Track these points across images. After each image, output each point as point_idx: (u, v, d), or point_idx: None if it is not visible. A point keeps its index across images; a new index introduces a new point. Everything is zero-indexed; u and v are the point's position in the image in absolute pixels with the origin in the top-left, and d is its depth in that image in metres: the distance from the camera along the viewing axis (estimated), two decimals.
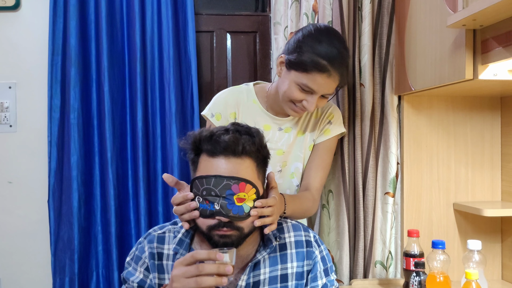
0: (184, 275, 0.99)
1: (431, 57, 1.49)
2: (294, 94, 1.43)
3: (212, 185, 1.10)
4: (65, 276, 2.31)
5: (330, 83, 1.42)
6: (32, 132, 2.33)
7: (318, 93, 1.42)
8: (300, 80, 1.41)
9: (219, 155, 1.12)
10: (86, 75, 2.31)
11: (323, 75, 1.39)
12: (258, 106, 1.59)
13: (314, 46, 1.40)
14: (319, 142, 1.61)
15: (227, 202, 1.09)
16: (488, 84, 1.44)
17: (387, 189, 1.73)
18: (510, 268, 1.72)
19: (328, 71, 1.39)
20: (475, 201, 1.76)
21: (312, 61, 1.38)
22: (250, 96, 1.61)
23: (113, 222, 2.31)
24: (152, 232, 1.25)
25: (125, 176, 2.36)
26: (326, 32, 1.44)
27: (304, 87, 1.41)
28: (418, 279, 1.40)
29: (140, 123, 2.31)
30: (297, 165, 1.61)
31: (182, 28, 2.34)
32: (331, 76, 1.40)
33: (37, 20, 2.32)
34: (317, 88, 1.41)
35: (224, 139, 1.11)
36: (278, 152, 1.59)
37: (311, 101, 1.43)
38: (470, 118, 1.77)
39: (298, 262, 1.25)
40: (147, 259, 1.19)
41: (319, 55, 1.38)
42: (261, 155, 1.18)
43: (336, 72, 1.40)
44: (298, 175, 1.61)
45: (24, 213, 2.34)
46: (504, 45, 1.20)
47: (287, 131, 1.59)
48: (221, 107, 1.59)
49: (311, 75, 1.39)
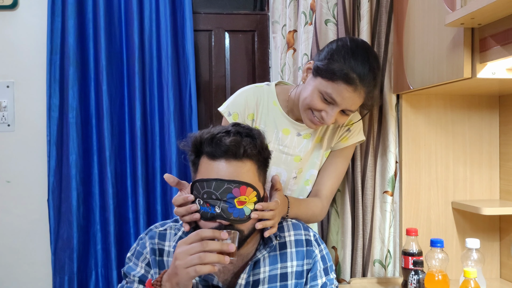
0: (187, 252, 1.00)
1: (430, 55, 1.49)
2: (314, 102, 1.37)
3: (213, 188, 1.09)
4: (65, 274, 2.31)
5: (354, 98, 1.35)
6: (30, 131, 2.33)
7: (340, 106, 1.36)
8: (324, 88, 1.35)
9: (220, 158, 1.11)
10: (85, 74, 2.32)
11: (349, 87, 1.33)
12: (278, 109, 1.54)
13: (347, 57, 1.34)
14: (336, 150, 1.58)
15: (228, 205, 1.10)
16: (487, 83, 1.44)
17: (386, 188, 1.73)
18: (508, 267, 1.73)
19: (355, 84, 1.32)
20: (473, 199, 1.76)
21: (341, 70, 1.32)
22: (271, 97, 1.55)
23: (112, 221, 2.31)
24: (154, 228, 1.25)
25: (124, 174, 2.36)
26: (362, 47, 1.38)
27: (327, 96, 1.35)
28: (417, 278, 1.40)
29: (138, 122, 2.31)
30: (312, 172, 1.58)
31: (180, 27, 2.34)
32: (357, 90, 1.33)
33: (35, 19, 2.31)
34: (340, 100, 1.34)
35: (225, 142, 1.11)
36: (295, 158, 1.55)
37: (331, 113, 1.37)
38: (469, 117, 1.77)
39: (298, 261, 1.25)
40: (148, 254, 1.20)
41: (350, 67, 1.32)
42: (262, 157, 1.18)
43: (363, 89, 1.34)
44: (313, 182, 1.59)
45: (23, 212, 2.34)
46: (503, 43, 1.20)
47: (306, 137, 1.55)
48: (241, 107, 1.53)
49: (337, 85, 1.33)
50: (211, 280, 1.16)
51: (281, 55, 2.06)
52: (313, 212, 1.49)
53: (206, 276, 1.16)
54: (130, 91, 2.33)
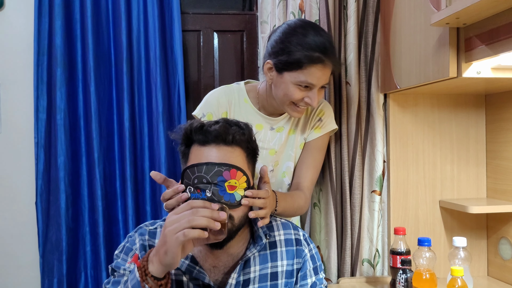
0: (177, 219, 0.99)
1: (416, 55, 1.50)
2: (295, 95, 1.42)
3: (204, 172, 1.11)
4: (54, 277, 2.30)
5: (326, 72, 1.42)
6: (17, 133, 2.31)
7: (317, 86, 1.42)
8: (297, 79, 1.40)
9: (210, 144, 1.14)
10: (72, 75, 2.30)
11: (318, 66, 1.39)
12: (250, 106, 1.58)
13: (301, 41, 1.39)
14: (310, 140, 1.61)
15: (218, 188, 1.10)
16: (472, 82, 1.45)
17: (374, 187, 1.74)
18: (495, 264, 1.74)
19: (322, 61, 1.39)
20: (460, 198, 1.77)
21: (305, 56, 1.38)
22: (241, 95, 1.59)
23: (101, 223, 2.30)
24: (144, 226, 1.25)
25: (113, 176, 2.35)
26: (308, 25, 1.44)
27: (303, 84, 1.40)
28: (405, 277, 1.41)
29: (127, 123, 2.30)
30: (288, 164, 1.61)
31: (169, 27, 2.33)
32: (326, 65, 1.40)
33: (22, 20, 2.29)
34: (316, 81, 1.40)
35: (215, 128, 1.14)
36: (270, 152, 1.59)
37: (312, 96, 1.43)
38: (455, 116, 1.78)
39: (288, 260, 1.25)
40: (138, 250, 1.19)
41: (310, 49, 1.38)
42: (251, 146, 1.20)
43: (329, 60, 1.41)
44: (290, 174, 1.61)
45: (11, 215, 2.32)
46: (487, 43, 1.21)
47: (279, 131, 1.59)
48: (213, 107, 1.57)
49: (307, 70, 1.39)
50: (202, 278, 1.16)
51: None
52: (298, 204, 1.51)
53: (197, 275, 1.15)
54: (119, 92, 2.32)
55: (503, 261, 1.69)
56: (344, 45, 1.74)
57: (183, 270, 1.16)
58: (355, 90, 1.72)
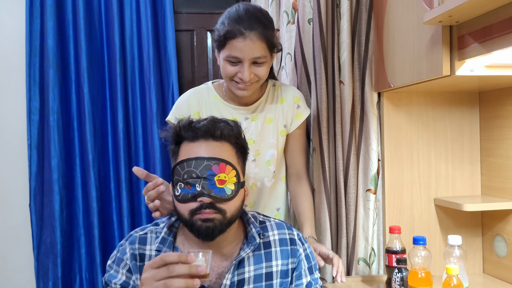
0: (153, 277, 0.94)
1: (409, 53, 1.49)
2: (227, 70, 1.45)
3: (193, 167, 1.11)
4: (49, 280, 2.29)
5: (250, 45, 1.40)
6: (10, 135, 2.30)
7: (245, 60, 1.41)
8: (224, 55, 1.43)
9: (199, 139, 1.15)
10: (65, 76, 2.29)
11: (238, 39, 1.39)
12: (220, 101, 1.60)
13: (224, 18, 1.43)
14: (295, 128, 1.65)
15: (208, 182, 1.11)
16: (466, 80, 1.44)
17: (369, 186, 1.74)
18: (491, 262, 1.74)
19: (240, 33, 1.38)
20: (455, 196, 1.77)
21: (224, 31, 1.40)
22: (210, 94, 1.61)
23: (96, 225, 2.29)
24: (134, 233, 1.24)
25: (107, 177, 2.34)
26: (239, 5, 1.45)
27: (230, 59, 1.42)
28: (400, 276, 1.41)
29: (121, 124, 2.29)
30: (272, 152, 1.63)
31: (162, 27, 2.33)
32: (247, 37, 1.39)
33: (13, 21, 2.28)
34: (240, 54, 1.40)
35: (203, 123, 1.16)
36: (249, 141, 1.58)
37: (243, 70, 1.43)
38: (449, 114, 1.78)
39: (283, 260, 1.25)
40: (129, 260, 1.18)
41: (228, 24, 1.40)
42: (240, 142, 1.21)
43: (251, 32, 1.39)
44: (274, 161, 1.64)
45: (4, 218, 2.31)
46: (480, 41, 1.21)
47: (253, 119, 1.60)
48: (184, 109, 1.58)
49: (229, 45, 1.40)
50: None
51: None
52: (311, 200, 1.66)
53: None
54: (112, 93, 2.31)
55: (498, 258, 1.69)
56: (337, 43, 1.73)
57: None
58: (349, 89, 1.71)
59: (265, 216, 1.33)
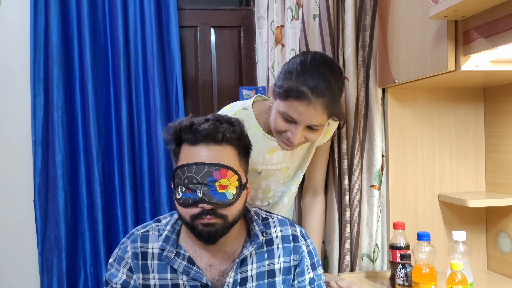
0: None
1: (414, 49, 1.49)
2: (278, 124, 1.34)
3: (194, 172, 1.09)
4: (53, 275, 2.30)
5: (311, 112, 1.28)
6: (15, 131, 2.31)
7: (301, 123, 1.31)
8: (281, 109, 1.31)
9: (200, 143, 1.12)
10: (69, 73, 2.30)
11: (302, 103, 1.27)
12: (260, 132, 1.50)
13: (298, 73, 1.29)
14: (322, 144, 1.61)
15: (209, 189, 1.09)
16: (471, 75, 1.44)
17: (373, 182, 1.73)
18: (495, 258, 1.74)
19: (307, 98, 1.26)
20: (460, 192, 1.77)
21: (292, 87, 1.27)
22: (250, 122, 1.48)
23: (100, 220, 2.30)
24: (135, 231, 1.23)
25: (111, 173, 2.35)
26: (313, 60, 1.32)
27: (286, 115, 1.31)
28: (404, 271, 1.40)
29: (125, 120, 2.29)
30: (299, 175, 1.63)
31: (165, 23, 2.33)
32: (311, 104, 1.27)
33: (18, 18, 2.29)
34: (298, 117, 1.30)
35: (204, 127, 1.11)
36: (283, 170, 1.57)
37: (294, 132, 1.32)
38: (454, 110, 1.77)
39: (285, 257, 1.24)
40: (130, 259, 1.17)
41: (300, 82, 1.27)
42: (242, 143, 1.18)
43: (318, 100, 1.27)
44: (298, 182, 1.63)
45: (8, 214, 2.32)
46: (486, 35, 1.20)
47: None
48: None
49: (290, 103, 1.29)
50: (199, 278, 1.15)
51: (270, 51, 2.05)
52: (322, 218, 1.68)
53: (194, 275, 1.15)
54: (116, 89, 2.31)
55: (502, 254, 1.69)
56: (342, 39, 1.73)
57: (181, 271, 1.16)
58: (353, 85, 1.71)
59: (268, 212, 1.33)
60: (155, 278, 1.16)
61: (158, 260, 1.17)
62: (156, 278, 1.16)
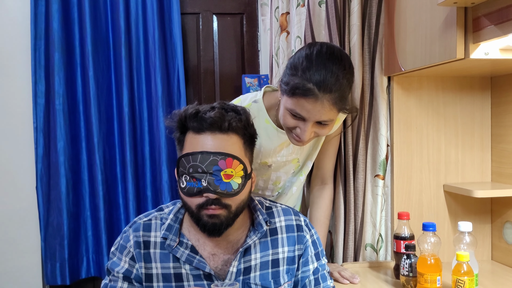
0: None
1: (422, 36, 1.46)
2: (287, 121, 1.31)
3: (199, 161, 1.08)
4: (56, 261, 2.30)
5: (319, 108, 1.25)
6: (16, 118, 2.30)
7: (309, 120, 1.28)
8: (289, 105, 1.28)
9: (205, 132, 1.10)
10: (70, 60, 2.28)
11: (309, 99, 1.24)
12: (272, 126, 1.47)
13: (303, 68, 1.25)
14: (331, 133, 1.57)
15: (214, 178, 1.07)
16: (479, 64, 1.41)
17: (377, 172, 1.72)
18: (499, 249, 1.73)
19: (314, 95, 1.23)
20: (465, 182, 1.75)
21: (298, 84, 1.24)
22: (261, 116, 1.47)
23: (102, 207, 2.30)
24: (138, 220, 1.22)
25: (113, 161, 2.34)
26: (319, 54, 1.27)
27: (294, 112, 1.28)
28: (409, 262, 1.39)
29: (126, 107, 2.28)
30: (308, 165, 1.61)
31: (167, 10, 2.30)
32: (318, 100, 1.23)
33: (18, 4, 2.26)
34: (306, 114, 1.27)
35: (210, 115, 1.09)
36: (293, 161, 1.57)
37: (303, 128, 1.29)
38: (460, 99, 1.75)
39: (289, 247, 1.23)
40: (132, 248, 1.16)
41: (305, 79, 1.23)
42: (248, 132, 1.16)
43: (325, 96, 1.23)
44: (307, 171, 1.62)
45: (11, 200, 2.32)
46: (496, 22, 1.18)
47: None
48: None
49: (297, 100, 1.25)
50: (202, 268, 1.14)
51: (274, 38, 2.02)
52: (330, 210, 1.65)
53: (197, 264, 1.14)
54: (117, 77, 2.29)
55: (507, 245, 1.68)
56: (348, 26, 1.70)
57: (183, 260, 1.15)
58: (359, 73, 1.68)
59: (272, 201, 1.31)
60: (157, 267, 1.15)
61: (161, 249, 1.16)
62: (159, 267, 1.15)
